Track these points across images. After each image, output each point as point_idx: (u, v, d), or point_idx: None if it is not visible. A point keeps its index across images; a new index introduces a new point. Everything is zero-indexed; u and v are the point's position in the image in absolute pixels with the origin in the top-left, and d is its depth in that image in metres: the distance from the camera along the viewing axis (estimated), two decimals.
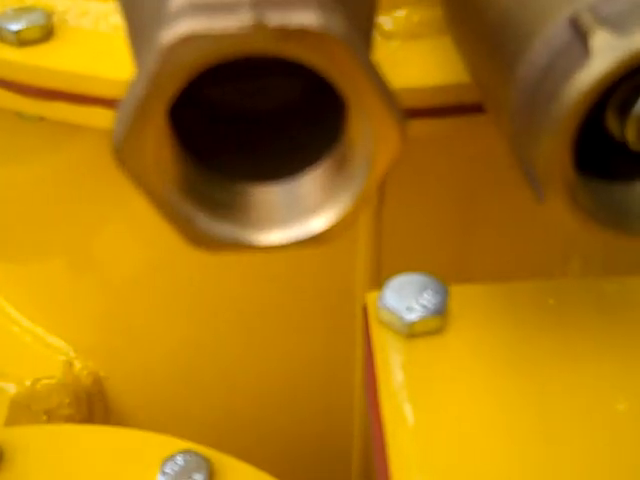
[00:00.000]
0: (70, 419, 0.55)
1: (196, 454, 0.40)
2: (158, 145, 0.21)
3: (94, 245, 0.52)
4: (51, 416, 0.54)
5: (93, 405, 0.56)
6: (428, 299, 0.29)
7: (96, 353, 0.55)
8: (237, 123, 0.24)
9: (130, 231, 0.50)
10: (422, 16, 0.35)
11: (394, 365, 0.28)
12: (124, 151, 0.20)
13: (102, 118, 0.37)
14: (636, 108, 0.21)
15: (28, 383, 0.53)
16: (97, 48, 0.37)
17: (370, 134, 0.21)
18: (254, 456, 0.42)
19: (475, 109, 0.34)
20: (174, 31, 0.19)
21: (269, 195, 0.22)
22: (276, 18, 0.19)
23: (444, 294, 0.29)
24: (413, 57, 0.34)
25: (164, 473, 0.39)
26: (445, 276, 0.30)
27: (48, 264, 0.55)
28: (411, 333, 0.29)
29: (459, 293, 0.30)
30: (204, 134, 0.23)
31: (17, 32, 0.37)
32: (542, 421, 0.27)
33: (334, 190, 0.22)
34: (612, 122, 0.22)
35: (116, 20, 0.37)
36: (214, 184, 0.22)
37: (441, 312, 0.29)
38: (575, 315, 0.29)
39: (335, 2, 0.20)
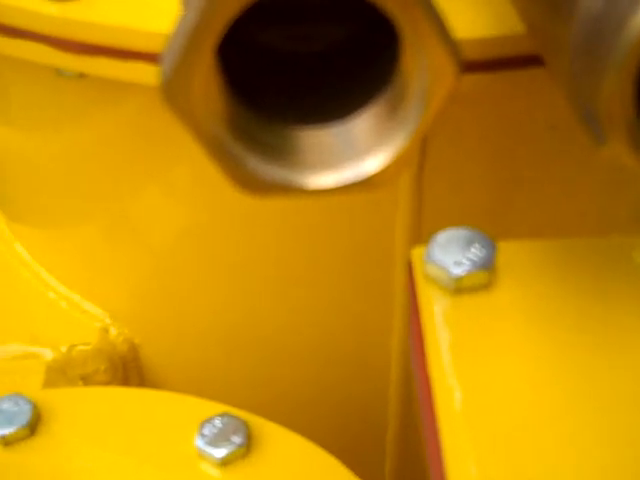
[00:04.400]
0: (106, 385, 0.55)
1: (234, 417, 0.39)
2: (207, 82, 0.20)
3: (132, 211, 0.51)
4: (87, 382, 0.54)
5: (128, 372, 0.56)
6: (475, 253, 0.28)
7: (132, 320, 0.55)
8: (285, 67, 0.23)
9: (168, 197, 0.49)
10: None
11: (441, 321, 0.28)
12: (172, 86, 0.20)
13: (143, 73, 0.37)
14: None
15: (64, 349, 0.53)
16: (136, 1, 0.37)
17: (425, 69, 0.20)
18: (289, 421, 0.42)
19: (519, 63, 0.34)
20: None
21: (320, 138, 0.22)
22: None
23: (492, 248, 0.28)
24: (455, 7, 0.33)
25: (203, 435, 0.39)
26: (487, 234, 0.29)
27: (85, 230, 0.55)
28: (458, 287, 0.28)
29: (507, 248, 0.29)
30: (253, 77, 0.23)
31: None
32: (592, 383, 0.26)
33: (388, 130, 0.21)
34: None
35: None
36: (264, 126, 0.22)
37: (489, 267, 0.28)
38: (626, 273, 0.28)
39: None
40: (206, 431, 0.39)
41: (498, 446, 0.25)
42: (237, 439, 0.39)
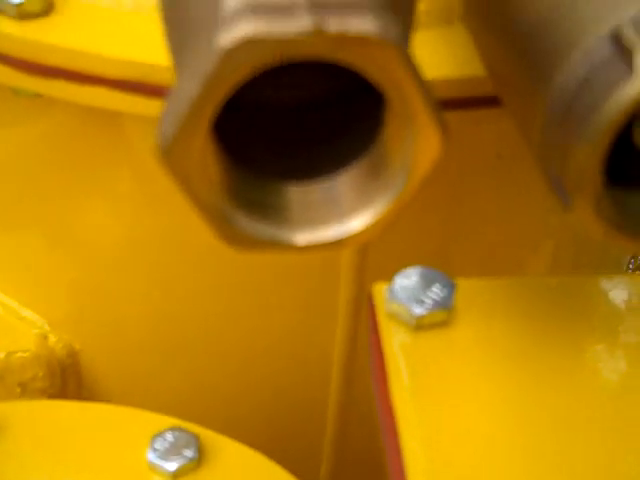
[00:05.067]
0: (44, 392, 0.54)
1: (185, 431, 0.40)
2: (203, 147, 0.21)
3: (70, 219, 0.51)
4: (25, 389, 0.53)
5: (67, 378, 0.55)
6: (437, 292, 0.30)
7: (70, 326, 0.55)
8: (273, 121, 0.24)
9: (107, 206, 0.49)
10: (429, 5, 0.35)
11: (401, 355, 0.29)
12: (172, 154, 0.20)
13: (101, 97, 0.37)
14: None
15: (2, 355, 0.53)
16: (98, 23, 0.37)
17: (411, 138, 0.21)
18: (228, 426, 0.43)
19: (468, 104, 0.35)
20: (234, 33, 0.19)
21: (307, 194, 0.23)
22: (335, 24, 0.19)
23: (452, 288, 0.30)
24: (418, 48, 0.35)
25: (154, 449, 0.39)
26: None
27: (22, 237, 0.54)
28: (419, 325, 0.30)
29: (465, 287, 0.30)
30: (240, 131, 0.23)
31: (18, 5, 0.36)
32: (547, 414, 0.28)
33: (372, 190, 0.22)
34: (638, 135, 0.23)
35: None
36: (252, 183, 0.23)
37: (448, 305, 0.30)
38: (580, 310, 0.30)
39: (387, 4, 0.20)
40: (157, 445, 0.40)
41: (454, 467, 0.27)
42: (188, 452, 0.40)
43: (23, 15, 0.37)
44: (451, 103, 0.34)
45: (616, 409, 0.28)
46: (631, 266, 0.82)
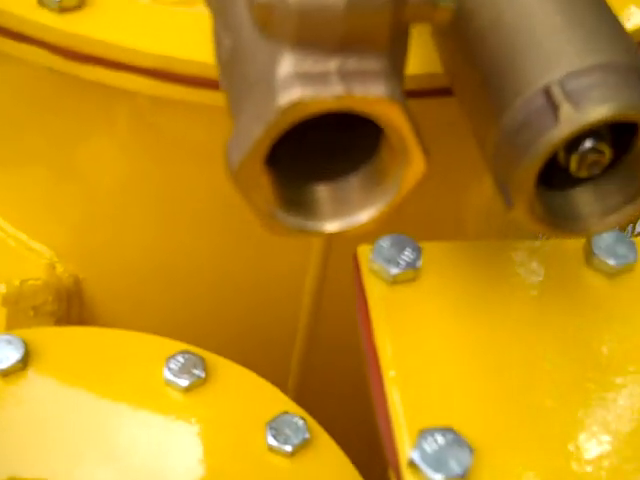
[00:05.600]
0: (52, 314, 0.63)
1: (194, 354, 0.49)
2: (260, 168, 0.29)
3: (76, 155, 0.58)
4: (37, 312, 0.62)
5: (72, 303, 0.64)
6: (407, 255, 0.39)
7: (75, 257, 0.63)
8: (299, 136, 0.32)
9: (111, 144, 0.57)
10: None
11: (381, 304, 0.39)
12: (239, 176, 0.29)
13: (129, 81, 0.45)
14: (579, 150, 0.31)
15: (17, 283, 0.61)
16: (123, 16, 0.44)
17: (403, 162, 0.30)
18: (215, 345, 0.52)
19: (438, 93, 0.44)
20: (289, 97, 0.27)
21: (326, 193, 0.32)
22: (359, 90, 0.28)
23: (419, 252, 0.39)
24: None
25: (169, 368, 0.48)
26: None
27: (31, 173, 0.61)
28: (394, 281, 0.39)
29: (430, 249, 0.40)
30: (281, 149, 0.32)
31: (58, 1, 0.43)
32: (494, 342, 0.38)
33: (375, 194, 0.31)
34: (561, 156, 0.32)
35: None
36: (289, 187, 0.31)
37: (417, 266, 0.39)
38: (518, 267, 0.40)
39: (393, 72, 0.29)
40: (172, 365, 0.49)
41: (429, 392, 0.37)
42: (197, 372, 0.49)
43: (62, 9, 0.44)
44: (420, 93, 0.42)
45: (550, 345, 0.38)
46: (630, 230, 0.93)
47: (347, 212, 0.31)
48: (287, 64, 0.28)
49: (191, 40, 0.44)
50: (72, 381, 0.48)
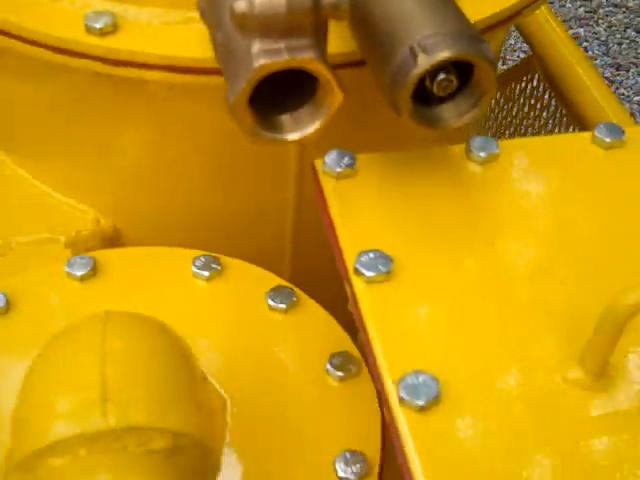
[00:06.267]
0: None
1: (211, 255, 0.71)
2: (246, 104, 0.51)
3: (109, 136, 0.80)
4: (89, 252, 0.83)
5: (113, 244, 0.85)
6: (346, 161, 0.61)
7: (113, 213, 0.84)
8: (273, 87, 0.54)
9: (135, 125, 0.78)
10: None
11: (333, 194, 0.60)
12: (235, 110, 0.51)
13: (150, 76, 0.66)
14: (436, 80, 0.53)
15: (74, 233, 0.82)
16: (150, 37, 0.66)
17: (330, 95, 0.52)
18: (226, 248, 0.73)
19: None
20: (259, 63, 0.49)
21: (287, 119, 0.54)
22: (298, 56, 0.50)
23: (354, 159, 0.61)
24: None
25: (195, 265, 0.70)
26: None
27: (75, 152, 0.83)
28: (339, 177, 0.61)
29: (364, 158, 0.62)
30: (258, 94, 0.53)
31: (100, 28, 0.65)
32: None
33: (316, 116, 0.53)
34: (428, 82, 0.54)
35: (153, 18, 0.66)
36: (265, 115, 0.53)
37: (354, 167, 0.61)
38: (437, 170, 0.62)
39: (318, 42, 0.51)
40: (197, 263, 0.70)
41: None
42: (215, 265, 0.70)
43: (103, 33, 0.65)
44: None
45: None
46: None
47: (301, 128, 0.54)
48: (256, 46, 0.50)
49: (188, 45, 0.65)
50: (133, 280, 0.70)
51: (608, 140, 0.64)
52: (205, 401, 0.55)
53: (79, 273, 0.70)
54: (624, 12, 2.69)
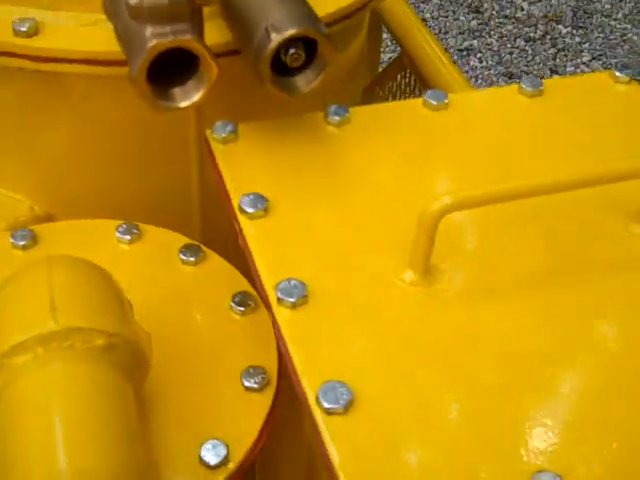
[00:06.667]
0: None
1: (130, 223, 0.86)
2: (144, 78, 0.67)
3: (36, 128, 0.94)
4: None
5: None
6: (230, 127, 0.77)
7: (46, 201, 0.98)
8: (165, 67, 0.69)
9: (58, 117, 0.92)
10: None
11: (222, 155, 0.76)
12: (136, 83, 0.66)
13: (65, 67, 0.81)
14: (288, 53, 0.70)
15: (12, 220, 0.96)
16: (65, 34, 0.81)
17: (208, 70, 0.68)
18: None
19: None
20: (151, 44, 0.65)
21: (178, 91, 0.69)
22: (179, 37, 0.66)
23: (236, 126, 0.77)
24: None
25: (119, 231, 0.85)
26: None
27: (5, 148, 0.97)
28: (224, 141, 0.77)
29: (244, 125, 0.78)
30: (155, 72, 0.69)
31: (25, 31, 0.80)
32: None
33: (200, 87, 0.69)
34: (283, 56, 0.70)
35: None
36: (161, 89, 0.69)
37: (236, 132, 0.77)
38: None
39: (195, 28, 0.67)
40: (120, 229, 0.85)
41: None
42: (135, 231, 0.85)
43: (28, 34, 0.80)
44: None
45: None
46: None
47: (189, 97, 0.69)
48: (148, 31, 0.66)
49: (98, 41, 0.81)
50: (68, 246, 0.84)
51: (435, 103, 0.81)
52: (132, 318, 0.69)
53: (22, 243, 0.84)
54: (513, 23, 2.92)
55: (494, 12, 2.96)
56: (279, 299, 0.65)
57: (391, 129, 0.80)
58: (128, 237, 0.85)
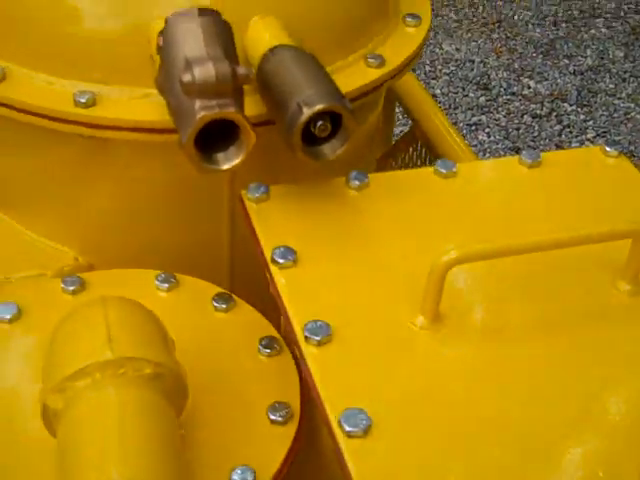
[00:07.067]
0: None
1: (167, 273, 0.95)
2: (194, 146, 0.77)
3: (85, 195, 1.05)
4: None
5: None
6: (263, 188, 0.87)
7: (89, 252, 1.08)
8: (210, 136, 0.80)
9: (105, 180, 1.03)
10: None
11: (256, 214, 0.86)
12: (186, 148, 0.77)
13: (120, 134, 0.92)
14: (316, 126, 0.80)
15: (58, 269, 1.06)
16: (120, 107, 0.92)
17: (247, 139, 0.79)
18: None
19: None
20: (200, 115, 0.76)
21: (221, 156, 0.80)
22: (225, 110, 0.76)
23: (268, 188, 0.87)
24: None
25: (158, 280, 0.94)
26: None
27: (53, 203, 1.07)
28: (258, 201, 0.87)
29: (276, 187, 0.88)
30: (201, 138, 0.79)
31: (84, 102, 0.91)
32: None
33: (239, 153, 0.80)
34: (312, 128, 0.81)
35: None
36: (206, 154, 0.79)
37: (268, 192, 0.87)
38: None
39: (237, 103, 0.78)
40: (159, 278, 0.94)
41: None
42: (172, 280, 0.94)
43: (87, 105, 0.91)
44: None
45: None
46: None
47: (230, 161, 0.80)
48: (197, 105, 0.77)
49: (147, 112, 0.92)
50: (112, 292, 0.94)
51: (444, 171, 0.92)
52: (174, 352, 0.78)
53: (71, 288, 0.93)
54: (520, 100, 3.06)
55: (502, 89, 3.10)
56: (306, 337, 0.74)
57: (405, 193, 0.90)
58: (166, 285, 0.95)
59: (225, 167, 0.80)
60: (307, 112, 0.78)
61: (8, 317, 0.89)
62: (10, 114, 0.94)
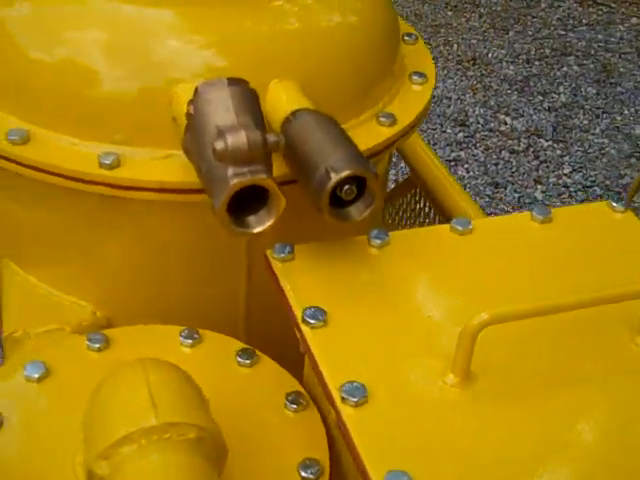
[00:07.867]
0: None
1: (190, 328, 0.97)
2: (226, 211, 0.80)
3: (103, 252, 1.06)
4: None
5: None
6: (288, 249, 0.90)
7: (106, 307, 1.10)
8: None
9: (123, 237, 1.05)
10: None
11: (284, 275, 0.89)
12: (219, 213, 0.79)
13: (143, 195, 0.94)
14: (343, 189, 0.83)
15: (76, 324, 1.07)
16: (143, 168, 0.94)
17: (276, 203, 0.82)
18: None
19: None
20: (233, 182, 0.78)
21: (252, 219, 0.82)
22: (256, 177, 0.79)
23: (293, 247, 0.90)
24: None
25: (182, 336, 0.96)
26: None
27: (73, 263, 1.09)
28: (284, 260, 0.89)
29: (300, 247, 0.90)
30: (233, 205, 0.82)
31: (109, 164, 0.93)
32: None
33: (269, 217, 0.82)
34: (338, 191, 0.84)
35: None
36: (240, 218, 0.82)
37: (294, 253, 0.90)
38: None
39: (267, 168, 0.80)
40: (183, 334, 0.96)
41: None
42: (196, 335, 0.96)
43: (111, 167, 0.93)
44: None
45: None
46: None
47: (261, 224, 0.82)
48: (230, 171, 0.79)
49: (170, 172, 0.94)
50: (137, 348, 0.95)
51: (461, 229, 0.95)
52: (209, 410, 0.79)
53: (97, 345, 0.95)
54: (497, 136, 3.12)
55: (479, 125, 3.16)
56: (343, 398, 0.77)
57: (424, 250, 0.93)
58: (190, 341, 0.96)
59: (257, 230, 0.82)
60: (335, 177, 0.81)
61: (36, 376, 0.91)
62: (34, 175, 0.96)
